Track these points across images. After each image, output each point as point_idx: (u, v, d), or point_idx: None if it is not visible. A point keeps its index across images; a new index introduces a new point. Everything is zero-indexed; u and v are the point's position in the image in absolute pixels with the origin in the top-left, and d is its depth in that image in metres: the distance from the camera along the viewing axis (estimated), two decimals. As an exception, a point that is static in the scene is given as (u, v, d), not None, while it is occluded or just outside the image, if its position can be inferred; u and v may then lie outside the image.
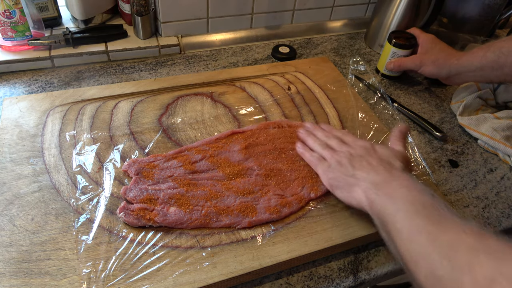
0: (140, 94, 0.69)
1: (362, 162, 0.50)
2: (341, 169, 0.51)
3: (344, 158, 0.52)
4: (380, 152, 0.52)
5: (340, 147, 0.55)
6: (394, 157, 0.51)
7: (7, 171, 0.54)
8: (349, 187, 0.49)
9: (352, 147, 0.54)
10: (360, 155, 0.52)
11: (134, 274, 0.44)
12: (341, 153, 0.53)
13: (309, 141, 0.59)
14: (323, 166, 0.53)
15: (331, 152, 0.54)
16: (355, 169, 0.50)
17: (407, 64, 0.76)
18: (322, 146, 0.56)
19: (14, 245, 0.46)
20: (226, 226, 0.50)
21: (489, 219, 0.59)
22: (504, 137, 0.68)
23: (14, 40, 0.75)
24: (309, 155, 0.57)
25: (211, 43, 0.89)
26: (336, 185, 0.51)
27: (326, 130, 0.60)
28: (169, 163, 0.56)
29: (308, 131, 0.61)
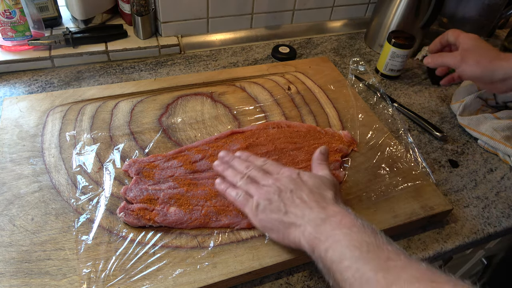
0: (140, 94, 0.69)
1: (294, 198, 0.45)
2: (272, 208, 0.45)
3: (273, 194, 0.46)
4: (309, 183, 0.47)
5: (266, 179, 0.49)
6: (323, 186, 0.47)
7: (7, 171, 0.54)
8: (284, 229, 0.44)
9: (277, 178, 0.48)
10: (289, 189, 0.46)
11: (134, 274, 0.44)
12: (268, 187, 0.47)
13: (229, 175, 0.51)
14: (251, 206, 0.47)
15: (256, 186, 0.48)
16: (287, 207, 0.45)
17: (445, 60, 0.66)
18: (245, 180, 0.50)
19: (14, 245, 0.46)
20: (226, 226, 0.50)
21: (489, 219, 0.59)
22: (504, 137, 0.68)
23: (14, 40, 0.75)
24: (234, 193, 0.49)
25: (211, 43, 0.89)
26: (269, 227, 0.46)
27: (244, 159, 0.53)
28: (169, 163, 0.56)
29: (224, 162, 0.54)
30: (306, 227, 0.43)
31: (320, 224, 0.42)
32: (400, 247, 0.39)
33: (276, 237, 0.46)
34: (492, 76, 0.61)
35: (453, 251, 0.56)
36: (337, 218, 0.42)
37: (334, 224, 0.41)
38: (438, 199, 0.56)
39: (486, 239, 0.58)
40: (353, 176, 0.59)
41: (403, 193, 0.57)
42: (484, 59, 0.61)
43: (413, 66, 0.91)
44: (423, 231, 0.56)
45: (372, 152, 0.63)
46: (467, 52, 0.63)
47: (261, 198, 0.47)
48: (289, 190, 0.46)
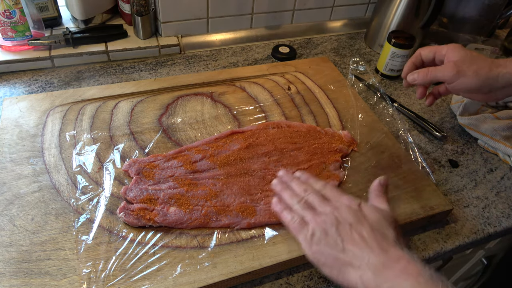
0: (140, 94, 0.69)
1: (353, 234, 0.42)
2: (328, 240, 0.42)
3: (330, 225, 0.43)
4: (370, 218, 0.44)
5: (323, 206, 0.46)
6: (385, 223, 0.44)
7: (7, 171, 0.54)
8: (340, 266, 0.41)
9: (336, 206, 0.45)
10: (348, 222, 0.43)
11: (134, 274, 0.44)
12: (325, 216, 0.44)
13: (286, 197, 0.49)
14: (306, 234, 0.44)
15: (312, 213, 0.45)
16: (345, 243, 0.42)
17: (438, 74, 0.58)
18: (301, 204, 0.47)
19: (14, 245, 0.46)
20: (225, 226, 0.50)
21: (489, 219, 0.59)
22: (504, 137, 0.68)
23: (14, 40, 0.75)
24: (289, 217, 0.46)
25: (211, 43, 0.89)
26: (323, 261, 0.42)
27: (303, 181, 0.51)
28: (169, 163, 0.56)
29: (282, 181, 0.52)
30: (366, 271, 0.39)
31: (382, 269, 0.39)
32: None
33: (330, 273, 0.42)
34: (492, 84, 0.56)
35: (453, 251, 0.56)
36: (401, 265, 0.39)
37: (397, 272, 0.38)
38: (438, 199, 0.56)
39: (486, 239, 0.58)
40: (353, 176, 0.59)
41: (403, 193, 0.57)
42: (482, 69, 0.56)
43: (413, 66, 0.91)
44: (423, 231, 0.56)
45: (372, 152, 0.63)
46: (462, 63, 0.57)
47: (317, 228, 0.44)
48: (348, 223, 0.43)
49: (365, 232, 0.42)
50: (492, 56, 0.88)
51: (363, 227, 0.43)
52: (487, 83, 0.56)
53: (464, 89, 0.58)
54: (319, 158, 0.60)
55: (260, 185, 0.55)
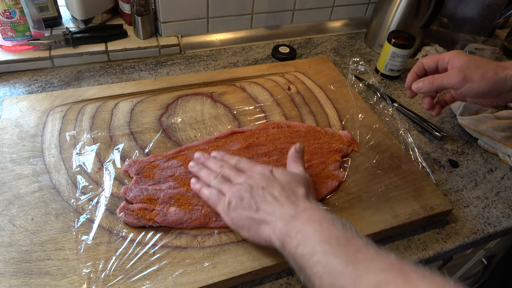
0: (140, 94, 0.69)
1: (265, 195, 0.46)
2: (243, 205, 0.46)
3: (245, 192, 0.47)
4: (281, 179, 0.48)
5: (238, 177, 0.49)
6: (295, 182, 0.47)
7: (7, 171, 0.54)
8: (255, 225, 0.45)
9: (250, 175, 0.49)
10: (261, 186, 0.47)
11: (134, 274, 0.44)
12: (239, 186, 0.48)
13: (203, 175, 0.52)
14: (223, 204, 0.48)
15: (229, 185, 0.49)
16: (258, 204, 0.45)
17: (443, 82, 0.58)
18: (218, 179, 0.51)
19: (14, 245, 0.46)
20: (225, 226, 0.50)
21: (489, 219, 0.59)
22: (504, 137, 0.68)
23: (14, 40, 0.75)
24: (207, 192, 0.50)
25: (211, 43, 0.89)
26: (240, 225, 0.46)
27: (218, 158, 0.54)
28: (169, 162, 0.56)
29: (199, 162, 0.55)
30: (277, 223, 0.43)
31: (290, 220, 0.42)
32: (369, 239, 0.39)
33: (248, 235, 0.46)
34: (501, 87, 0.56)
35: (453, 251, 0.56)
36: (307, 214, 0.42)
37: (304, 220, 0.42)
38: (438, 199, 0.56)
39: (486, 239, 0.59)
40: (353, 176, 0.59)
41: (403, 193, 0.57)
42: (489, 72, 0.55)
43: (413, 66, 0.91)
44: (423, 231, 0.56)
45: (372, 152, 0.63)
46: (467, 69, 0.56)
47: (233, 196, 0.47)
48: (261, 187, 0.47)
49: (276, 192, 0.46)
50: (492, 56, 0.88)
51: (274, 188, 0.46)
52: (496, 86, 0.55)
53: (472, 94, 0.57)
54: (319, 158, 0.60)
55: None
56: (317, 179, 0.56)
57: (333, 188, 0.56)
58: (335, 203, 0.55)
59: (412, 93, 0.63)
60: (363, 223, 0.52)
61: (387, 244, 0.54)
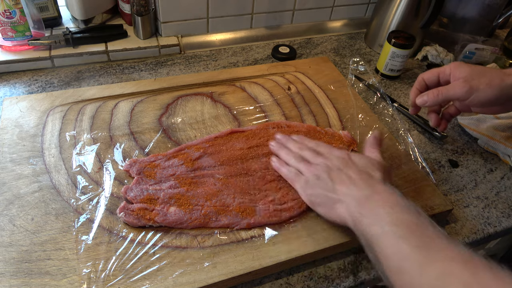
0: (140, 94, 0.69)
1: (341, 176, 0.48)
2: (320, 183, 0.48)
3: (322, 171, 0.49)
4: (358, 163, 0.49)
5: (316, 159, 0.52)
6: (372, 166, 0.49)
7: (7, 171, 0.54)
8: (331, 203, 0.47)
9: (328, 158, 0.51)
10: (338, 167, 0.49)
11: (134, 274, 0.44)
12: (317, 166, 0.50)
13: (283, 154, 0.55)
14: (301, 181, 0.51)
15: (307, 165, 0.52)
16: (335, 184, 0.47)
17: (449, 94, 0.57)
18: (297, 159, 0.53)
19: (14, 245, 0.46)
20: (225, 226, 0.50)
21: (489, 219, 0.59)
22: (504, 137, 0.68)
23: (14, 40, 0.75)
24: (286, 170, 0.53)
25: (211, 43, 0.89)
26: (317, 201, 0.49)
27: (298, 141, 0.57)
28: (170, 161, 0.56)
29: (280, 143, 0.58)
30: (351, 202, 0.45)
31: (365, 200, 0.44)
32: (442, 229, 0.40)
33: (323, 211, 0.48)
34: (508, 94, 0.55)
35: (453, 251, 0.56)
36: (382, 196, 0.44)
37: (378, 202, 0.43)
38: (438, 199, 0.56)
39: (486, 239, 0.58)
40: (353, 176, 0.59)
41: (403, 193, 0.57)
42: (494, 80, 0.55)
43: (413, 66, 0.91)
44: (423, 231, 0.56)
45: (372, 152, 0.63)
46: (471, 79, 0.55)
47: (311, 175, 0.50)
48: (338, 168, 0.49)
49: (352, 173, 0.48)
50: (492, 56, 0.88)
51: (351, 170, 0.48)
52: (503, 94, 0.55)
53: (479, 103, 0.56)
54: (319, 158, 0.60)
55: (260, 185, 0.55)
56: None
57: (333, 188, 0.56)
58: (335, 203, 0.55)
59: (416, 109, 0.63)
60: (363, 223, 0.52)
61: (387, 244, 0.54)
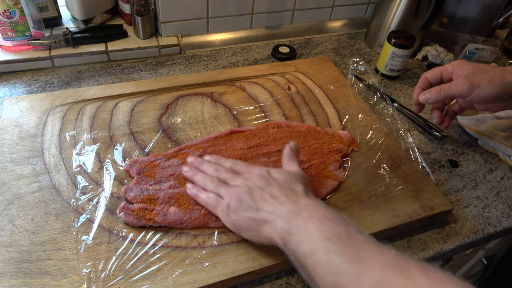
0: (140, 94, 0.69)
1: (264, 195, 0.46)
2: (243, 206, 0.46)
3: (243, 193, 0.47)
4: (279, 178, 0.48)
5: (235, 180, 0.49)
6: (294, 180, 0.47)
7: (7, 171, 0.54)
8: (256, 226, 0.45)
9: (247, 177, 0.49)
10: (259, 186, 0.47)
11: (134, 274, 0.44)
12: (237, 188, 0.48)
13: (199, 179, 0.52)
14: (222, 207, 0.48)
15: (226, 188, 0.49)
16: (258, 204, 0.45)
17: (451, 91, 0.57)
18: (213, 182, 0.50)
19: (14, 245, 0.46)
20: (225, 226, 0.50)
21: (489, 219, 0.59)
22: (504, 137, 0.68)
23: (14, 40, 0.75)
24: (204, 196, 0.50)
25: (211, 43, 0.89)
26: (242, 226, 0.46)
27: (213, 162, 0.54)
28: (170, 161, 0.56)
29: (194, 167, 0.54)
30: (278, 222, 0.43)
31: (292, 217, 0.42)
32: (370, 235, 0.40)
33: (249, 236, 0.46)
34: (510, 91, 0.55)
35: (453, 251, 0.56)
36: (308, 211, 0.42)
37: (305, 217, 0.42)
38: (438, 199, 0.56)
39: (486, 239, 0.58)
40: (353, 176, 0.59)
41: (403, 193, 0.57)
42: (496, 77, 0.55)
43: (413, 66, 0.91)
44: (423, 231, 0.56)
45: (372, 152, 0.63)
46: (473, 76, 0.56)
47: (232, 198, 0.47)
48: (259, 187, 0.47)
49: (275, 191, 0.46)
50: (492, 56, 0.88)
51: (273, 187, 0.46)
52: (505, 91, 0.55)
53: (481, 100, 0.57)
54: (319, 158, 0.60)
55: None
56: (317, 179, 0.56)
57: (333, 188, 0.56)
58: (335, 203, 0.55)
59: (420, 107, 0.64)
60: (363, 223, 0.52)
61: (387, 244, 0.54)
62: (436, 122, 0.65)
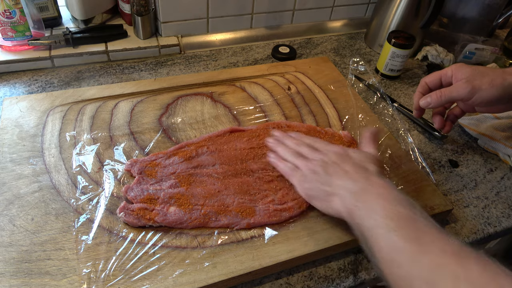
0: (140, 94, 0.69)
1: (337, 169, 0.49)
2: (317, 178, 0.49)
3: (318, 166, 0.50)
4: (354, 157, 0.50)
5: (313, 154, 0.53)
6: (368, 160, 0.50)
7: (7, 171, 0.54)
8: (327, 196, 0.48)
9: (324, 153, 0.52)
10: (334, 161, 0.50)
11: (134, 274, 0.44)
12: (314, 161, 0.51)
13: (280, 151, 0.56)
14: (298, 176, 0.52)
15: (304, 160, 0.52)
16: (331, 177, 0.48)
17: (452, 94, 0.58)
18: (294, 155, 0.54)
19: (14, 245, 0.46)
20: (225, 226, 0.50)
21: (489, 219, 0.59)
22: (504, 137, 0.68)
23: (14, 40, 0.75)
24: (282, 165, 0.54)
25: (211, 43, 0.89)
26: (313, 195, 0.50)
27: (295, 138, 0.58)
28: (170, 159, 0.56)
29: (277, 140, 0.58)
30: (347, 195, 0.45)
31: (360, 193, 0.45)
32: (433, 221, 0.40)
33: (319, 204, 0.49)
34: (511, 92, 0.56)
35: (453, 251, 0.56)
36: (376, 189, 0.44)
37: (372, 194, 0.44)
38: (438, 199, 0.56)
39: (486, 239, 0.58)
40: (353, 176, 0.59)
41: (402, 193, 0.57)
42: (496, 79, 0.55)
43: (413, 66, 0.91)
44: (423, 231, 0.56)
45: (372, 152, 0.63)
46: (473, 79, 0.56)
47: (308, 170, 0.51)
48: (334, 163, 0.50)
49: (348, 167, 0.48)
50: (492, 56, 0.88)
51: (347, 164, 0.49)
52: (506, 92, 0.55)
53: (483, 103, 0.57)
54: (319, 158, 0.60)
55: (259, 185, 0.55)
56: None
57: (333, 188, 0.56)
58: (335, 203, 0.55)
59: (420, 112, 0.64)
60: (363, 223, 0.52)
61: (387, 244, 0.54)
62: (437, 127, 0.65)
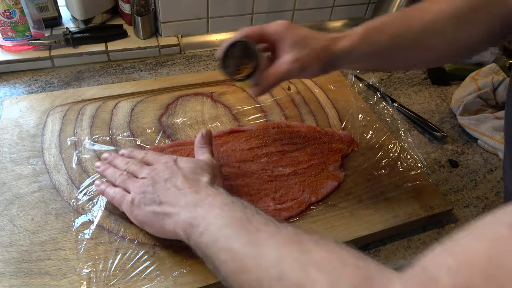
0: (140, 94, 0.69)
1: (168, 187, 0.44)
2: (146, 201, 0.44)
3: (148, 186, 0.45)
4: (185, 169, 0.46)
5: (142, 171, 0.47)
6: (199, 169, 0.46)
7: (7, 171, 0.54)
8: (160, 220, 0.43)
9: (153, 168, 0.47)
10: (164, 178, 0.45)
11: (134, 275, 0.44)
12: (143, 180, 0.46)
13: (108, 174, 0.50)
14: (127, 202, 0.46)
15: (133, 181, 0.47)
16: (161, 197, 0.43)
17: (283, 76, 0.48)
18: (122, 176, 0.48)
19: (14, 245, 0.46)
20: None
21: (489, 219, 0.59)
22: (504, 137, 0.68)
23: (14, 40, 0.75)
24: (111, 192, 0.48)
25: (211, 43, 0.89)
26: (146, 221, 0.45)
27: (126, 155, 0.52)
28: None
29: (106, 163, 0.52)
30: (180, 214, 0.41)
31: (193, 209, 0.41)
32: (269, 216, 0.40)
33: (154, 231, 0.45)
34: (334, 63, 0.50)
35: (453, 251, 0.56)
36: (209, 200, 0.42)
37: (206, 207, 0.41)
38: (438, 199, 0.56)
39: (486, 239, 0.58)
40: (353, 176, 0.59)
41: (403, 193, 0.57)
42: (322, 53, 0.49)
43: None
44: (423, 231, 0.56)
45: (372, 152, 0.63)
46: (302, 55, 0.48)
47: (136, 192, 0.45)
48: (164, 179, 0.45)
49: (179, 182, 0.44)
50: (492, 56, 0.88)
51: (177, 178, 0.45)
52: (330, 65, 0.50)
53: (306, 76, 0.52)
54: (319, 159, 0.60)
55: (258, 185, 0.55)
56: (317, 179, 0.56)
57: (333, 188, 0.56)
58: (335, 203, 0.55)
59: None
60: (363, 223, 0.52)
61: (387, 244, 0.54)
62: None
